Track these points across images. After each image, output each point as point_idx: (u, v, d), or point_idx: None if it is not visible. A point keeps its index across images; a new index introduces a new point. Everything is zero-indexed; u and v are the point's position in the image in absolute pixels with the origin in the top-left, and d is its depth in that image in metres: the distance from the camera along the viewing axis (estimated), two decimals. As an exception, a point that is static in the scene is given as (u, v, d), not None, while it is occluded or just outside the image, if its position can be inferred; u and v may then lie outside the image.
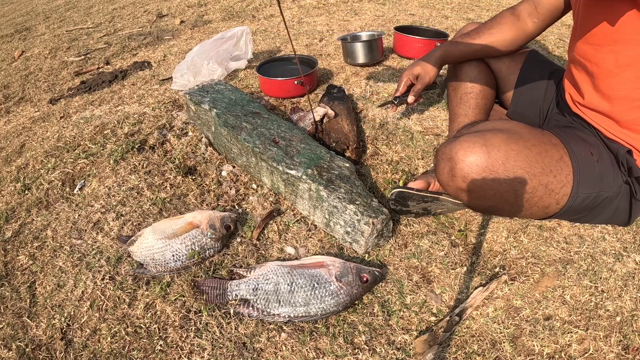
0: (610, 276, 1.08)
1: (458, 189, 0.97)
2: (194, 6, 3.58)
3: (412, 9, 3.01)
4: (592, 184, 0.95)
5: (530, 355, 0.93)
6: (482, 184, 0.93)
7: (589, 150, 0.97)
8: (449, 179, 0.97)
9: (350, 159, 1.44)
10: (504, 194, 0.94)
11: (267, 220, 1.27)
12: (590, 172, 0.95)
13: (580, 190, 0.95)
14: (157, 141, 1.60)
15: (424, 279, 1.10)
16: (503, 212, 1.01)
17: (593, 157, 0.97)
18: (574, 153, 0.96)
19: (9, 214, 1.37)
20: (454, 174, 0.95)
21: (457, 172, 0.94)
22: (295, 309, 1.00)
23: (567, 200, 0.96)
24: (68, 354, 0.97)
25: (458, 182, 0.95)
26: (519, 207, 0.97)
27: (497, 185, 0.93)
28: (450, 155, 0.95)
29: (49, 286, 1.12)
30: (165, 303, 1.05)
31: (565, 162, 0.95)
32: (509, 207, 0.98)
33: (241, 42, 2.16)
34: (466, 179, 0.94)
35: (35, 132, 1.83)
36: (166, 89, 2.06)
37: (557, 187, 0.94)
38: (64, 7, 4.09)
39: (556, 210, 0.98)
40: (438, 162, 1.00)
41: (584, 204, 0.97)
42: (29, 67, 2.64)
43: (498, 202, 0.96)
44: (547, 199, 0.95)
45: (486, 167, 0.91)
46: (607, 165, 0.97)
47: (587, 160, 0.96)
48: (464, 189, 0.96)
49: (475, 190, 0.95)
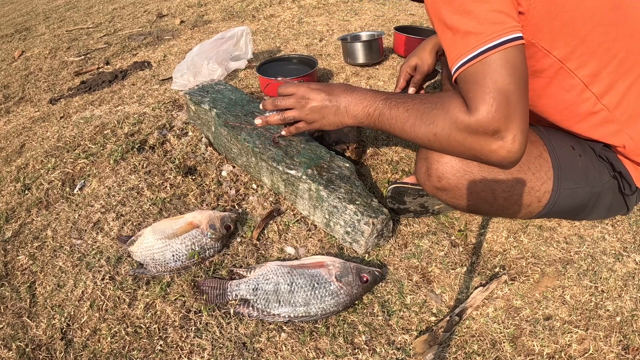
0: (610, 276, 1.08)
1: (434, 189, 0.97)
2: (194, 6, 3.58)
3: (412, 9, 3.00)
4: (576, 179, 0.95)
5: (530, 355, 0.93)
6: (457, 183, 0.93)
7: (570, 145, 0.97)
8: (426, 179, 0.98)
9: (350, 159, 1.44)
10: (481, 193, 0.94)
11: (267, 220, 1.27)
12: (573, 167, 0.95)
13: (563, 186, 0.94)
14: (157, 141, 1.60)
15: (424, 279, 1.10)
16: (484, 211, 1.01)
17: (575, 151, 0.96)
18: (553, 149, 0.96)
19: (9, 214, 1.37)
20: (429, 174, 0.96)
21: (432, 171, 0.95)
22: (295, 309, 1.00)
23: (549, 197, 0.95)
24: (68, 354, 0.97)
25: (434, 181, 0.96)
26: (499, 205, 0.97)
27: (472, 185, 0.93)
28: (426, 155, 0.96)
29: (49, 286, 1.12)
30: (165, 303, 1.05)
31: (545, 158, 0.95)
32: (488, 207, 0.98)
33: (241, 42, 2.16)
34: (441, 179, 0.94)
35: (35, 132, 1.83)
36: (166, 89, 2.06)
37: (537, 184, 0.94)
38: (64, 7, 4.09)
39: (539, 207, 0.97)
40: (416, 162, 1.01)
41: (572, 201, 0.96)
42: (29, 67, 2.64)
43: (476, 202, 0.96)
44: (527, 197, 0.95)
45: (461, 167, 0.92)
46: (591, 159, 0.96)
47: (569, 156, 0.95)
48: (440, 188, 0.96)
49: (451, 189, 0.95)
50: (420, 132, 0.87)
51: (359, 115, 0.96)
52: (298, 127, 1.06)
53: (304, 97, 1.01)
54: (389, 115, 0.91)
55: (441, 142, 0.86)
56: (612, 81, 0.88)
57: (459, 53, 0.77)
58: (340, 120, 0.99)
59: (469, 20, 0.75)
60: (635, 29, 0.89)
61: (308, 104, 1.00)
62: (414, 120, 0.87)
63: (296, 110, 1.02)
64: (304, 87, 1.02)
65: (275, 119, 1.06)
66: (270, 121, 1.07)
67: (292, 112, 1.03)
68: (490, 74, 0.75)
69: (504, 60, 0.74)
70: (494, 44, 0.74)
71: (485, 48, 0.74)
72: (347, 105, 0.97)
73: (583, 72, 0.87)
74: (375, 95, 0.95)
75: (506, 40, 0.74)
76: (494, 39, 0.74)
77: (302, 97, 1.01)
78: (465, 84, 0.78)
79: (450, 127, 0.82)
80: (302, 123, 1.05)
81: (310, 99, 1.00)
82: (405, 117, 0.88)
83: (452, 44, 0.79)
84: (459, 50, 0.77)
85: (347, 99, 0.97)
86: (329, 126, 1.01)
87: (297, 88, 1.02)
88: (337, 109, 0.98)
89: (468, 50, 0.76)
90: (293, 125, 1.07)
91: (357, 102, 0.96)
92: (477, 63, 0.75)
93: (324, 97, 0.99)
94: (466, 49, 0.76)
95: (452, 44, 0.79)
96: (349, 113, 0.97)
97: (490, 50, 0.74)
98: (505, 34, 0.74)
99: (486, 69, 0.75)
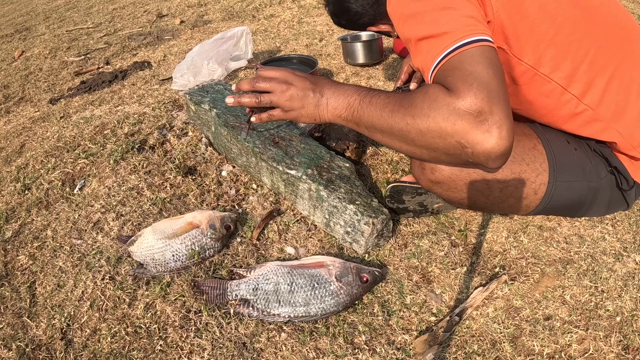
0: (610, 276, 1.08)
1: (429, 181, 0.97)
2: (194, 6, 3.58)
3: (412, 9, 3.00)
4: (573, 172, 0.94)
5: (530, 355, 0.93)
6: (451, 174, 0.93)
7: (565, 139, 0.97)
8: (420, 172, 0.97)
9: (350, 159, 1.44)
10: (475, 184, 0.94)
11: (267, 220, 1.27)
12: (569, 160, 0.95)
13: (559, 178, 0.94)
14: (157, 141, 1.60)
15: (424, 279, 1.10)
16: (481, 205, 1.00)
17: (571, 145, 0.96)
18: (548, 142, 0.96)
19: (9, 214, 1.37)
20: (423, 167, 0.96)
21: (425, 164, 0.94)
22: (295, 309, 1.00)
23: (545, 190, 0.95)
24: (68, 354, 0.97)
25: (427, 174, 0.95)
26: (495, 198, 0.96)
27: (466, 176, 0.93)
28: None
29: (49, 286, 1.12)
30: (165, 303, 1.05)
31: (539, 150, 0.95)
32: (485, 199, 0.97)
33: (241, 42, 2.16)
34: (434, 170, 0.94)
35: (35, 132, 1.83)
36: (166, 89, 2.06)
37: (532, 175, 0.93)
38: (64, 7, 4.09)
39: (536, 201, 0.97)
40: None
41: (570, 195, 0.96)
42: (29, 67, 2.64)
43: (471, 194, 0.96)
44: (523, 188, 0.94)
45: None
46: (586, 154, 0.96)
47: (564, 149, 0.95)
48: (434, 180, 0.96)
49: (445, 181, 0.95)
50: (397, 116, 0.79)
51: (339, 107, 0.90)
52: (272, 114, 0.97)
53: (286, 82, 0.93)
54: (369, 102, 0.85)
55: (419, 127, 0.76)
56: (589, 79, 0.87)
57: (436, 52, 0.75)
58: (320, 113, 0.92)
59: (443, 25, 0.75)
60: (600, 24, 0.89)
61: (289, 90, 0.92)
62: (393, 106, 0.81)
63: (275, 94, 0.93)
64: (287, 72, 0.94)
65: (248, 100, 0.95)
66: (243, 102, 0.96)
67: (270, 95, 0.94)
68: (469, 62, 0.73)
69: (481, 53, 0.73)
70: (471, 40, 0.73)
71: (463, 43, 0.73)
72: (329, 98, 0.91)
73: (558, 74, 0.87)
74: (359, 88, 0.90)
75: (481, 39, 0.74)
76: (469, 36, 0.73)
77: (284, 82, 0.93)
78: (444, 72, 0.75)
79: (430, 107, 0.74)
80: (278, 110, 0.96)
81: (293, 85, 0.92)
82: (385, 103, 0.82)
83: (428, 50, 0.77)
84: (435, 50, 0.76)
85: (330, 91, 0.91)
86: (305, 118, 0.93)
87: (279, 72, 0.94)
88: (318, 101, 0.91)
89: (445, 46, 0.74)
90: (266, 112, 0.98)
91: (340, 94, 0.90)
92: (456, 55, 0.73)
93: (307, 86, 0.92)
94: (442, 45, 0.75)
95: (428, 50, 0.77)
96: (330, 106, 0.91)
97: (468, 45, 0.73)
98: (479, 34, 0.74)
99: (465, 58, 0.73)
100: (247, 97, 0.95)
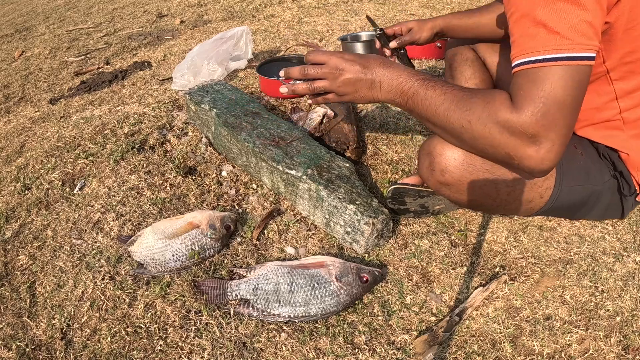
0: (610, 276, 1.08)
1: (438, 183, 0.97)
2: (194, 6, 3.58)
3: (412, 9, 3.00)
4: (577, 177, 0.95)
5: (530, 355, 0.93)
6: (461, 176, 0.93)
7: (572, 144, 0.97)
8: (429, 173, 0.97)
9: (350, 159, 1.44)
10: (484, 187, 0.94)
11: (267, 220, 1.27)
12: (575, 165, 0.95)
13: (565, 183, 0.95)
14: (157, 141, 1.60)
15: (424, 279, 1.10)
16: (486, 207, 1.01)
17: (577, 149, 0.97)
18: None
19: (9, 214, 1.37)
20: (432, 168, 0.95)
21: (436, 165, 0.94)
22: (295, 309, 1.00)
23: (551, 194, 0.95)
24: (68, 354, 0.97)
25: (437, 175, 0.95)
26: (501, 200, 0.96)
27: (476, 178, 0.93)
28: (428, 149, 0.95)
29: (49, 286, 1.12)
30: (165, 303, 1.05)
31: None
32: (491, 201, 0.97)
33: (241, 42, 2.16)
34: (444, 172, 0.94)
35: (35, 132, 1.83)
36: (166, 89, 2.06)
37: (540, 180, 0.94)
38: (64, 7, 4.09)
39: (541, 204, 0.97)
40: (419, 158, 1.00)
41: (573, 198, 0.97)
42: (29, 67, 2.64)
43: (479, 196, 0.96)
44: (529, 192, 0.95)
45: (464, 159, 0.91)
46: (592, 158, 0.97)
47: (571, 154, 0.96)
48: (443, 182, 0.96)
49: (455, 183, 0.95)
50: (454, 117, 0.81)
51: (393, 91, 0.90)
52: (327, 98, 0.97)
53: (337, 68, 0.92)
54: (424, 95, 0.85)
55: (473, 133, 0.80)
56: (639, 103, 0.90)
57: (535, 48, 0.73)
58: (373, 95, 0.92)
59: (563, 22, 0.72)
60: None
61: (342, 75, 0.92)
62: (449, 105, 0.82)
63: (328, 80, 0.93)
64: (336, 57, 0.94)
65: (303, 87, 0.96)
66: (297, 90, 0.97)
67: (322, 82, 0.94)
68: (553, 81, 0.72)
69: (574, 74, 0.72)
70: (574, 56, 0.72)
71: (565, 56, 0.71)
72: (381, 80, 0.90)
73: (621, 85, 0.89)
74: (413, 73, 0.90)
75: (585, 57, 0.72)
76: (576, 50, 0.71)
77: (335, 68, 0.93)
78: (523, 79, 0.75)
79: (489, 117, 0.77)
80: (332, 95, 0.96)
81: (344, 70, 0.92)
82: (441, 100, 0.83)
83: (531, 36, 0.74)
84: (536, 45, 0.74)
85: (382, 73, 0.90)
86: (360, 100, 0.95)
87: (329, 57, 0.93)
88: (371, 83, 0.91)
89: (547, 49, 0.72)
90: (321, 96, 0.98)
91: (393, 77, 0.90)
92: (547, 66, 0.72)
93: (358, 69, 0.91)
94: (545, 47, 0.73)
95: (531, 35, 0.74)
96: (383, 88, 0.91)
97: (567, 60, 0.71)
98: (587, 50, 0.72)
99: (552, 74, 0.72)
100: (301, 84, 0.96)
